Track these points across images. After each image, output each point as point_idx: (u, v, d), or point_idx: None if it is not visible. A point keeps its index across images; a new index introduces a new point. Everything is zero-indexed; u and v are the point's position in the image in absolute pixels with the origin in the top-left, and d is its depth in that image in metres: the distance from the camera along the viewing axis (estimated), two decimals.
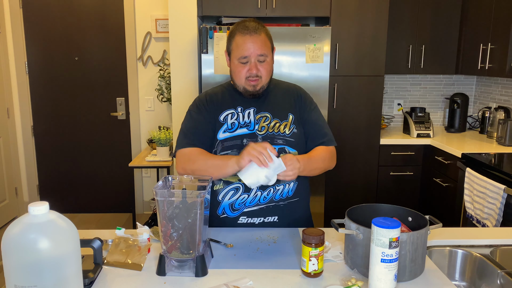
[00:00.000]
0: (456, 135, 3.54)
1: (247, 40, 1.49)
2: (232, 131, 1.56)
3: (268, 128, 1.57)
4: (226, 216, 1.57)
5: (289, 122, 1.60)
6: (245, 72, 1.52)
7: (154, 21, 3.81)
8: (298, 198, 1.62)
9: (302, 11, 3.10)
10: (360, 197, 3.41)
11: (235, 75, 1.55)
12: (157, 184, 1.22)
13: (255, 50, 1.50)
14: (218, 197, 1.57)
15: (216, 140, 1.56)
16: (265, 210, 1.56)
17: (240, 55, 1.50)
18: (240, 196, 1.55)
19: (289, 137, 1.58)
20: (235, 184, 1.55)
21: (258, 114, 1.59)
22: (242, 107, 1.59)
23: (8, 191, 3.86)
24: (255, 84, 1.54)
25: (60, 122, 4.01)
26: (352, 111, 3.25)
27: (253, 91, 1.55)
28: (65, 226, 0.97)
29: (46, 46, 3.87)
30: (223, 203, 1.57)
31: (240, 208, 1.56)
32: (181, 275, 1.19)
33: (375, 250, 1.06)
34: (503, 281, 1.25)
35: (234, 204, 1.56)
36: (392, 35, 3.39)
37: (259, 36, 1.50)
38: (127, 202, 4.09)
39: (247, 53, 1.50)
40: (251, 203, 1.55)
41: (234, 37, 1.53)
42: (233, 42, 1.53)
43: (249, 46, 1.49)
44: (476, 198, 2.56)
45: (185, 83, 3.18)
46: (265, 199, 1.56)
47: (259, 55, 1.50)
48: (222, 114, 1.58)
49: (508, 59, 2.87)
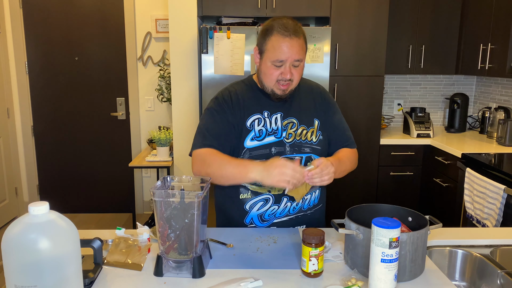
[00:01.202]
0: (456, 135, 3.54)
1: (285, 43, 1.38)
2: (260, 139, 1.49)
3: (295, 136, 1.52)
4: (255, 226, 1.54)
5: (315, 128, 1.55)
6: (278, 75, 1.43)
7: (154, 21, 3.81)
8: (321, 204, 1.62)
9: (302, 11, 3.10)
10: (360, 197, 3.41)
11: (266, 77, 1.46)
12: (156, 184, 1.22)
13: (293, 55, 1.40)
14: (245, 206, 1.53)
15: (242, 147, 1.49)
16: (295, 220, 1.55)
17: (276, 58, 1.40)
18: (270, 207, 1.52)
19: (316, 145, 1.55)
20: (264, 195, 1.51)
21: (285, 120, 1.52)
22: (268, 112, 1.51)
23: (8, 191, 3.86)
24: (285, 89, 1.46)
25: (60, 122, 4.01)
26: (352, 111, 3.26)
27: (281, 95, 1.48)
28: (65, 226, 0.97)
29: (46, 46, 3.87)
30: (251, 213, 1.53)
31: (270, 219, 1.54)
32: (179, 276, 1.19)
33: (375, 250, 1.06)
34: (503, 281, 1.25)
35: (263, 215, 1.53)
36: (392, 35, 3.39)
37: (298, 39, 1.40)
38: (127, 202, 4.09)
39: (284, 57, 1.40)
40: (281, 214, 1.53)
41: (271, 37, 1.41)
42: (269, 42, 1.41)
43: (287, 50, 1.39)
44: (476, 198, 2.56)
45: (185, 83, 3.18)
46: (294, 209, 1.54)
47: (295, 60, 1.41)
48: (249, 119, 1.50)
49: (508, 59, 2.87)
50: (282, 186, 1.28)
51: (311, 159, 1.52)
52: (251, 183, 1.49)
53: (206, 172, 1.41)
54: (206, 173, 1.41)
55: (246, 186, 1.52)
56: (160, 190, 1.19)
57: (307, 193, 1.52)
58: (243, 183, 1.46)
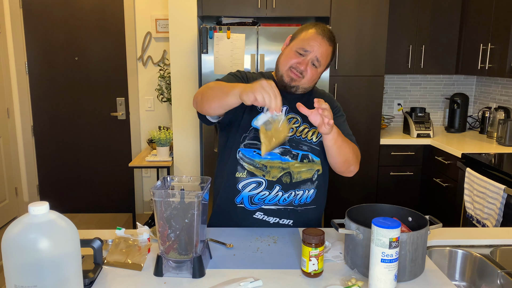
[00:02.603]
0: (456, 135, 3.54)
1: (317, 39, 1.47)
2: None
3: (296, 132, 1.55)
4: (244, 207, 1.56)
5: (317, 129, 1.55)
6: (294, 62, 1.48)
7: (154, 21, 3.81)
8: (315, 206, 1.61)
9: (302, 11, 3.10)
10: (360, 197, 3.41)
11: (284, 60, 1.51)
12: (155, 184, 1.22)
13: (317, 52, 1.47)
14: (238, 185, 1.54)
15: (249, 125, 1.53)
16: (282, 212, 1.56)
17: (302, 46, 1.48)
18: (261, 192, 1.53)
19: (315, 145, 1.57)
20: (258, 178, 1.53)
21: (289, 114, 1.56)
22: None
23: (8, 191, 3.86)
24: (294, 78, 1.50)
25: (60, 122, 4.01)
26: (352, 111, 3.26)
27: (288, 83, 1.51)
28: (65, 226, 0.97)
29: (46, 46, 3.87)
30: (242, 193, 1.55)
31: (258, 203, 1.55)
32: (179, 276, 1.19)
33: (375, 250, 1.06)
34: (503, 281, 1.25)
35: (253, 198, 1.54)
36: (392, 35, 3.39)
37: (328, 45, 1.50)
38: (127, 202, 4.09)
39: (309, 48, 1.47)
40: (270, 201, 1.54)
41: (307, 30, 1.50)
42: (303, 33, 1.51)
43: (315, 44, 1.47)
44: (476, 198, 2.56)
45: (185, 83, 3.18)
46: (284, 201, 1.55)
47: (317, 58, 1.48)
48: None
49: (508, 59, 2.87)
50: (257, 99, 1.22)
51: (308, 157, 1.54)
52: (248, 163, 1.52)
53: (203, 93, 1.42)
54: (201, 93, 1.43)
55: (243, 165, 1.53)
56: (160, 190, 1.19)
57: (278, 145, 1.38)
58: (226, 106, 1.39)
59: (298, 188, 1.55)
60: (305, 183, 1.56)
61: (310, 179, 1.57)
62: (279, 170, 1.52)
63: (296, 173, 1.54)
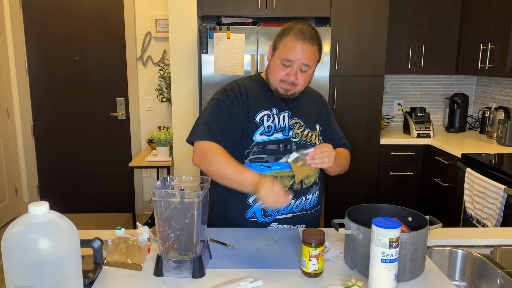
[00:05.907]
0: (456, 135, 3.54)
1: (298, 45, 1.42)
2: (269, 135, 1.51)
3: (302, 136, 1.56)
4: (257, 220, 1.55)
5: (317, 132, 1.61)
6: (283, 75, 1.46)
7: (154, 21, 3.81)
8: (319, 206, 1.66)
9: (302, 11, 3.10)
10: (360, 197, 3.41)
11: (272, 73, 1.49)
12: (155, 184, 1.22)
13: (301, 59, 1.43)
14: (248, 199, 1.53)
15: (251, 141, 1.50)
16: (296, 218, 1.56)
17: (285, 57, 1.44)
18: None
19: None
20: None
21: (292, 120, 1.55)
22: (277, 109, 1.53)
23: (8, 191, 3.86)
24: (288, 89, 1.48)
25: (60, 122, 4.01)
26: (352, 111, 3.25)
27: (283, 95, 1.50)
28: (65, 226, 0.97)
29: (46, 46, 3.87)
30: (254, 206, 1.53)
31: (272, 215, 1.54)
32: (179, 276, 1.19)
33: (375, 250, 1.06)
34: (503, 281, 1.25)
35: (266, 210, 1.53)
36: (392, 35, 3.39)
37: (311, 46, 1.43)
38: (127, 202, 4.09)
39: (293, 58, 1.42)
40: (284, 211, 1.54)
41: (286, 37, 1.45)
42: (283, 41, 1.45)
43: (298, 52, 1.42)
44: (476, 198, 2.56)
45: (185, 83, 3.18)
46: (297, 207, 1.55)
47: (303, 64, 1.44)
48: (258, 114, 1.51)
49: (508, 59, 2.87)
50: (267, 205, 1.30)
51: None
52: None
53: (206, 169, 1.43)
54: (206, 169, 1.43)
55: None
56: (160, 190, 1.19)
57: (309, 175, 1.54)
58: (239, 188, 1.43)
59: (308, 193, 1.56)
60: (313, 186, 1.58)
61: (316, 181, 1.60)
62: (289, 179, 1.51)
63: (306, 178, 1.55)
